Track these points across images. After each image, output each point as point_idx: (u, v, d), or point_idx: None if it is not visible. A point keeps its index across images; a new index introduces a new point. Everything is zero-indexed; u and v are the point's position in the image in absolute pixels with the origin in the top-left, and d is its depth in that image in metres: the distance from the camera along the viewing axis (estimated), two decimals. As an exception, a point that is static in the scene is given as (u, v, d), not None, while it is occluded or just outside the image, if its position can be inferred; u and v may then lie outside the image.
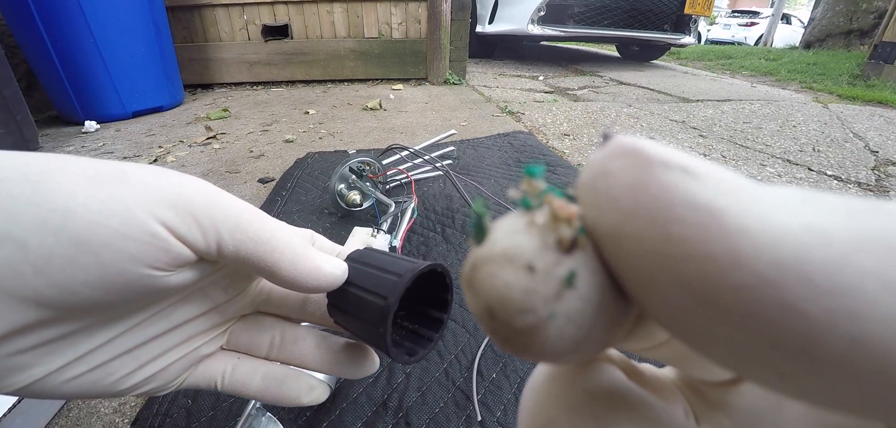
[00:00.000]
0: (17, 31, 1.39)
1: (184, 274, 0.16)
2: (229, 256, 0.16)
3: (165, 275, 0.15)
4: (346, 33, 2.28)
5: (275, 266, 0.17)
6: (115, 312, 0.16)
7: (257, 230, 0.16)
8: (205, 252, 0.16)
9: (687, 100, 2.15)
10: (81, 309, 0.14)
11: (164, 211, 0.14)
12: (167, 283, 0.15)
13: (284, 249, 0.17)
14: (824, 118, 1.80)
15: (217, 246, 0.16)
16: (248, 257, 0.16)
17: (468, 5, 2.33)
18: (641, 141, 0.06)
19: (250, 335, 0.22)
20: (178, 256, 0.15)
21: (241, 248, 0.16)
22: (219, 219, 0.16)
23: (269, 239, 0.17)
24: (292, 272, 0.17)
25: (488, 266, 0.07)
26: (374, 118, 1.60)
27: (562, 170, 1.02)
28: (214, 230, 0.15)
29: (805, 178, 1.12)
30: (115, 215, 0.13)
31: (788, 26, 10.28)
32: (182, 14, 2.06)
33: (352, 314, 0.20)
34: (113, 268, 0.13)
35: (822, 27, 5.73)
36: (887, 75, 2.77)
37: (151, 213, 0.14)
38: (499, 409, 0.42)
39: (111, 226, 0.13)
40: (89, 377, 0.16)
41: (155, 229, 0.14)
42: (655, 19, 3.07)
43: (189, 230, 0.15)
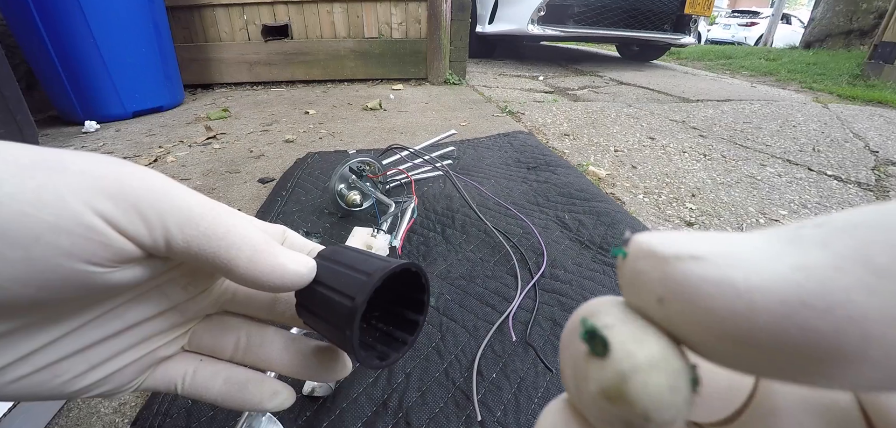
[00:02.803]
0: (17, 31, 1.39)
1: (130, 271, 0.15)
2: (180, 252, 0.15)
3: (106, 271, 0.14)
4: (346, 33, 2.28)
5: (231, 263, 0.15)
6: (58, 311, 0.15)
7: (210, 224, 0.15)
8: (151, 247, 0.14)
9: (687, 100, 2.15)
10: (15, 307, 0.13)
11: (103, 202, 0.13)
12: (110, 280, 0.14)
13: (241, 245, 0.16)
14: (824, 118, 1.79)
15: (165, 241, 0.14)
16: (200, 253, 0.15)
17: (468, 5, 2.33)
18: (654, 238, 0.08)
19: (213, 336, 0.20)
20: (119, 251, 0.14)
21: (193, 243, 0.15)
22: (166, 211, 0.14)
23: (224, 234, 0.15)
24: (251, 270, 0.16)
25: (639, 375, 0.08)
26: (374, 118, 1.60)
27: (562, 170, 1.02)
28: (161, 224, 0.14)
29: (805, 178, 1.12)
30: (45, 206, 0.12)
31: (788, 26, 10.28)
32: (182, 14, 2.06)
33: (320, 315, 0.19)
34: (44, 264, 0.12)
35: (822, 27, 5.72)
36: (887, 75, 2.77)
37: (88, 203, 0.13)
38: (499, 409, 0.42)
39: (41, 217, 0.12)
40: (36, 378, 0.15)
41: (91, 221, 0.13)
42: (655, 19, 3.07)
43: (131, 223, 0.14)
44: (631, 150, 1.31)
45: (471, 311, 0.55)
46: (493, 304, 0.56)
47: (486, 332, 0.51)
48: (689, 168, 1.17)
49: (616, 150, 1.31)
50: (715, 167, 1.18)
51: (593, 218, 0.78)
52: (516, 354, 0.48)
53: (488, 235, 0.72)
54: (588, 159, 1.21)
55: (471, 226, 0.75)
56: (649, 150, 1.32)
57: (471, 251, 0.68)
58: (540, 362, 0.47)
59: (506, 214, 0.79)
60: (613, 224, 0.75)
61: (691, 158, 1.25)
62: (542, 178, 0.97)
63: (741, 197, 0.99)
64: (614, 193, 0.99)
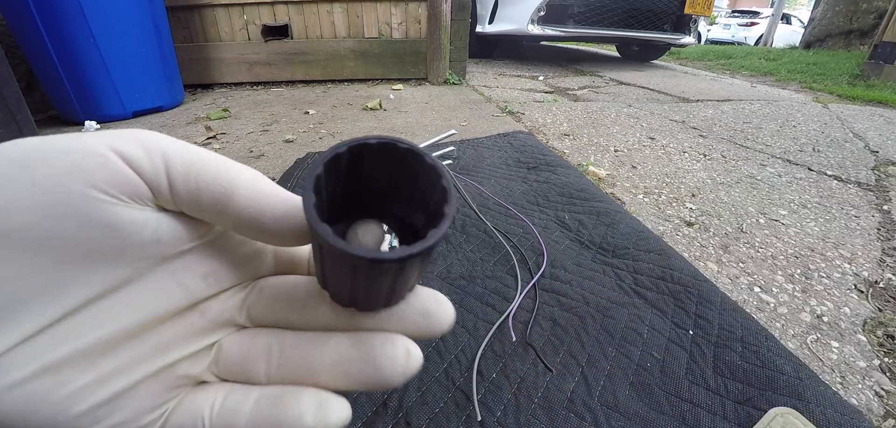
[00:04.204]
0: (17, 31, 1.39)
1: (135, 211, 0.14)
2: (179, 181, 0.14)
3: (109, 202, 0.13)
4: (346, 33, 2.28)
5: (231, 185, 0.15)
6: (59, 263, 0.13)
7: (208, 155, 0.15)
8: (151, 175, 0.14)
9: (687, 100, 2.15)
10: (17, 238, 0.12)
11: (111, 137, 0.14)
12: (114, 216, 0.13)
13: (241, 170, 0.15)
14: (824, 118, 1.79)
15: (165, 168, 0.14)
16: (199, 178, 0.15)
17: (468, 5, 2.33)
18: None
19: (243, 348, 0.18)
20: (120, 174, 0.14)
21: (191, 167, 0.15)
22: (165, 145, 0.15)
23: (224, 162, 0.15)
24: (252, 194, 0.15)
25: None
26: (374, 118, 1.60)
27: (562, 170, 1.01)
28: (161, 153, 0.14)
29: (805, 178, 1.12)
30: (58, 140, 0.13)
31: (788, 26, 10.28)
32: (182, 14, 2.06)
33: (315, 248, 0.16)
34: (48, 183, 0.13)
35: (822, 27, 5.72)
36: (887, 75, 2.77)
37: (97, 137, 0.14)
38: (499, 409, 0.42)
39: (52, 146, 0.13)
40: (36, 387, 0.13)
41: (94, 146, 0.13)
42: (655, 19, 3.07)
43: (132, 149, 0.14)
44: (631, 150, 1.31)
45: (471, 311, 0.55)
46: (493, 304, 0.56)
47: (486, 332, 0.51)
48: (689, 168, 1.17)
49: (616, 150, 1.31)
50: (715, 167, 1.18)
51: (593, 218, 0.78)
52: (516, 354, 0.48)
53: (488, 235, 0.72)
54: (588, 159, 1.21)
55: (471, 226, 0.75)
56: (649, 150, 1.32)
57: (471, 251, 0.68)
58: (540, 362, 0.47)
59: (506, 214, 0.79)
60: (613, 224, 0.75)
61: (691, 158, 1.25)
62: (542, 178, 0.97)
63: (741, 197, 0.99)
64: (614, 193, 0.99)
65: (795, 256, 0.76)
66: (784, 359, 0.48)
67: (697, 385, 0.45)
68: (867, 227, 0.87)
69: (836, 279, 0.69)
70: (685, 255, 0.73)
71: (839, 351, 0.55)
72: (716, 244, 0.78)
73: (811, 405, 0.42)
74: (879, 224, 0.89)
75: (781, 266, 0.72)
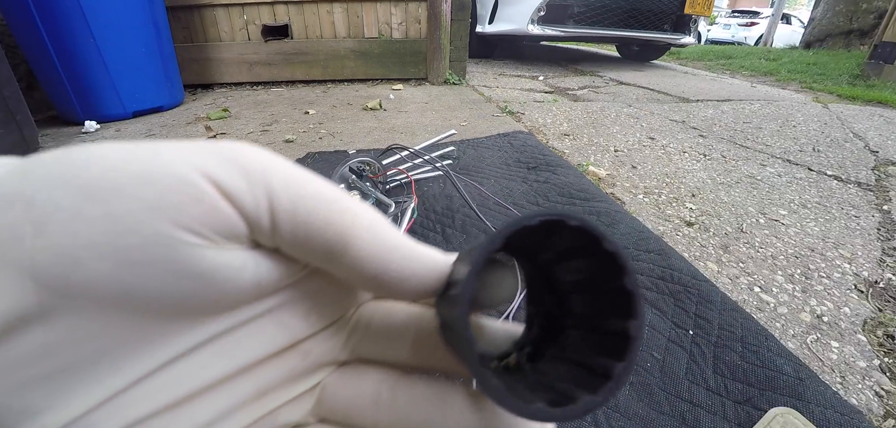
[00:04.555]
0: (17, 31, 1.39)
1: (231, 254, 0.12)
2: (285, 221, 0.12)
3: (202, 244, 0.11)
4: (346, 33, 2.28)
5: (348, 233, 0.12)
6: (146, 318, 0.11)
7: (317, 186, 0.12)
8: (253, 212, 0.12)
9: (687, 100, 2.15)
10: (92, 293, 0.10)
11: (201, 157, 0.11)
12: (208, 262, 0.11)
13: (358, 212, 0.12)
14: (824, 118, 1.80)
15: (269, 203, 0.12)
16: (310, 220, 0.12)
17: (468, 5, 2.33)
18: None
19: (348, 390, 0.15)
20: (216, 211, 0.11)
21: (300, 205, 0.12)
22: (270, 171, 0.12)
23: (337, 198, 0.12)
24: (373, 246, 0.12)
25: None
26: (374, 118, 1.60)
27: (562, 170, 1.02)
28: (264, 180, 0.12)
29: (805, 178, 1.12)
30: (137, 159, 0.10)
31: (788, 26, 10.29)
32: (182, 14, 2.06)
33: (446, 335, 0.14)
34: (125, 223, 0.10)
35: (822, 27, 5.73)
36: (887, 75, 2.77)
37: (185, 158, 0.11)
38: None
39: (130, 169, 0.10)
40: None
41: (184, 173, 0.11)
42: (655, 19, 3.07)
43: (230, 177, 0.11)
44: (631, 150, 1.31)
45: (471, 311, 0.55)
46: (493, 304, 0.56)
47: (486, 332, 0.51)
48: (689, 168, 1.17)
49: (616, 150, 1.31)
50: (715, 167, 1.18)
51: (593, 218, 0.78)
52: (516, 354, 0.48)
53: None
54: (588, 159, 1.21)
55: (471, 226, 0.75)
56: (649, 150, 1.32)
57: (471, 251, 0.68)
58: (540, 362, 0.47)
59: (506, 214, 0.79)
60: (613, 224, 0.75)
61: (691, 158, 1.25)
62: (542, 178, 0.97)
63: (741, 197, 0.99)
64: (614, 193, 0.99)
65: (795, 256, 0.76)
66: (784, 359, 0.48)
67: (697, 385, 0.45)
68: (867, 227, 0.87)
69: (836, 279, 0.69)
70: (685, 255, 0.73)
71: (839, 351, 0.55)
72: (716, 244, 0.78)
73: (811, 405, 0.42)
74: (879, 224, 0.89)
75: (781, 266, 0.72)
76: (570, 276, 0.14)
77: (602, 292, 0.13)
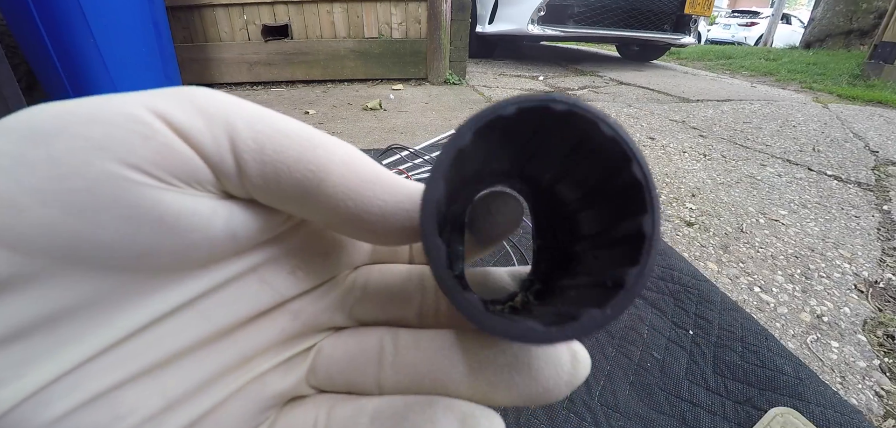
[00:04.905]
0: (17, 31, 1.39)
1: (195, 200, 0.10)
2: (251, 162, 0.11)
3: (156, 186, 0.10)
4: (346, 33, 2.28)
5: (320, 170, 0.11)
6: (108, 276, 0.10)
7: (286, 123, 0.11)
8: (212, 152, 0.10)
9: (687, 100, 2.15)
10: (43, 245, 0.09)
11: (155, 98, 0.10)
12: (166, 207, 0.10)
13: (331, 146, 0.11)
14: (824, 118, 1.80)
15: (231, 143, 0.10)
16: (278, 158, 0.11)
17: (468, 5, 2.33)
18: None
19: (348, 348, 0.14)
20: (169, 150, 0.10)
21: (267, 143, 0.11)
22: (230, 110, 0.11)
23: (306, 133, 0.11)
24: (350, 181, 0.11)
25: None
26: (374, 118, 1.60)
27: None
28: (225, 123, 0.10)
29: (805, 178, 1.12)
30: (88, 103, 0.10)
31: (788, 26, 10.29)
32: (182, 14, 2.06)
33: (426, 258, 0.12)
34: (68, 164, 0.09)
35: (822, 27, 5.73)
36: (887, 75, 2.77)
37: (137, 99, 0.10)
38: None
39: (78, 112, 0.09)
40: (87, 418, 0.10)
41: (133, 111, 0.10)
42: (655, 19, 3.08)
43: (184, 115, 0.10)
44: (631, 150, 1.31)
45: (471, 311, 0.55)
46: (493, 304, 0.56)
47: (486, 332, 0.51)
48: (689, 168, 1.17)
49: (616, 150, 1.31)
50: (715, 167, 1.18)
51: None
52: (516, 354, 0.48)
53: (488, 235, 0.72)
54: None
55: (471, 226, 0.75)
56: (649, 149, 1.32)
57: (471, 251, 0.68)
58: (540, 362, 0.47)
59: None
60: (613, 224, 0.75)
61: (691, 158, 1.25)
62: (542, 178, 0.97)
63: (741, 197, 0.99)
64: (614, 193, 0.99)
65: (795, 255, 0.76)
66: (784, 359, 0.48)
67: (697, 385, 0.45)
68: (867, 227, 0.87)
69: (836, 279, 0.69)
70: (685, 255, 0.73)
71: (839, 351, 0.55)
72: (716, 244, 0.78)
73: (811, 405, 0.42)
74: (879, 224, 0.89)
75: (781, 266, 0.72)
76: (574, 192, 0.12)
77: (610, 196, 0.11)
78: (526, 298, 0.14)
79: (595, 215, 0.12)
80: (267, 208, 0.12)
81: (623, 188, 0.10)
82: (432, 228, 0.10)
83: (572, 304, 0.11)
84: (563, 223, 0.13)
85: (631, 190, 0.10)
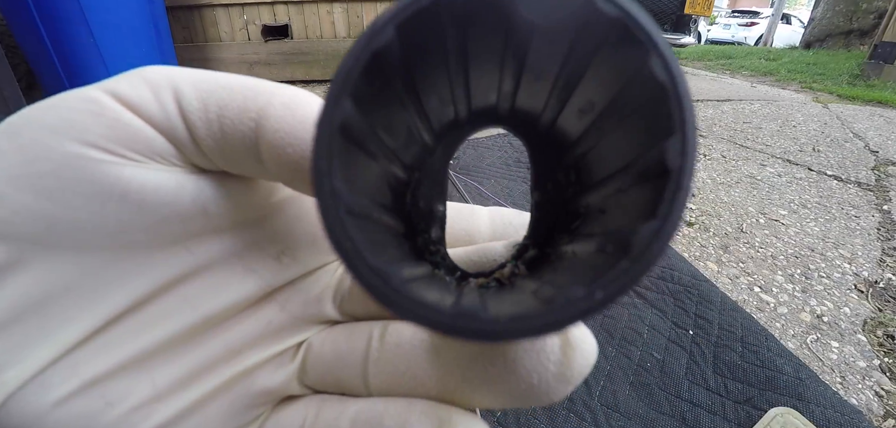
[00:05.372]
0: (17, 31, 1.39)
1: (158, 173, 0.11)
2: (199, 123, 0.11)
3: (115, 161, 0.10)
4: (346, 33, 2.28)
5: (260, 114, 0.10)
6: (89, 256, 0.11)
7: (233, 80, 0.11)
8: (161, 120, 0.11)
9: (687, 100, 2.15)
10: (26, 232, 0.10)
11: (110, 81, 0.11)
12: (128, 181, 0.10)
13: (274, 90, 0.11)
14: (824, 118, 1.80)
15: (177, 105, 0.11)
16: (221, 112, 0.10)
17: (468, 5, 2.33)
18: None
19: (337, 345, 0.13)
20: (120, 124, 0.10)
21: (210, 100, 0.11)
22: (176, 77, 0.11)
23: (252, 85, 0.11)
24: (289, 123, 0.10)
25: None
26: (374, 118, 1.60)
27: (562, 170, 1.02)
28: (170, 85, 0.11)
29: (805, 178, 1.12)
30: (54, 97, 0.10)
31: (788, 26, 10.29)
32: (182, 14, 2.07)
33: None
34: (34, 149, 0.10)
35: (822, 27, 5.73)
36: (887, 75, 2.77)
37: (96, 84, 0.11)
38: (499, 408, 0.42)
39: (44, 104, 0.10)
40: (82, 405, 0.10)
41: (87, 93, 0.10)
42: (655, 19, 3.08)
43: (133, 89, 0.10)
44: (631, 150, 1.31)
45: (471, 311, 0.55)
46: (493, 304, 0.56)
47: (486, 332, 0.51)
48: (689, 168, 1.17)
49: (616, 150, 1.31)
50: (715, 167, 1.19)
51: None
52: (516, 354, 0.48)
53: (488, 235, 0.72)
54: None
55: (471, 226, 0.75)
56: (649, 150, 1.32)
57: (471, 251, 0.68)
58: (540, 362, 0.47)
59: (506, 214, 0.79)
60: (613, 224, 0.75)
61: (691, 158, 1.25)
62: (542, 178, 0.98)
63: (741, 197, 0.99)
64: (614, 193, 0.99)
65: (795, 256, 0.76)
66: (784, 359, 0.48)
67: (697, 385, 0.45)
68: (867, 227, 0.87)
69: (836, 279, 0.69)
70: (685, 255, 0.73)
71: (839, 351, 0.55)
72: (716, 244, 0.78)
73: (811, 405, 0.42)
74: (879, 224, 0.89)
75: (781, 266, 0.72)
76: (578, 123, 0.09)
77: (624, 118, 0.08)
78: (515, 268, 0.11)
79: (606, 152, 0.09)
80: (240, 183, 0.12)
81: (642, 102, 0.07)
82: (325, 164, 0.07)
83: (564, 277, 0.08)
84: (566, 171, 0.11)
85: (652, 102, 0.07)
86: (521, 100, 0.10)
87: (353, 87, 0.07)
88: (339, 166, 0.07)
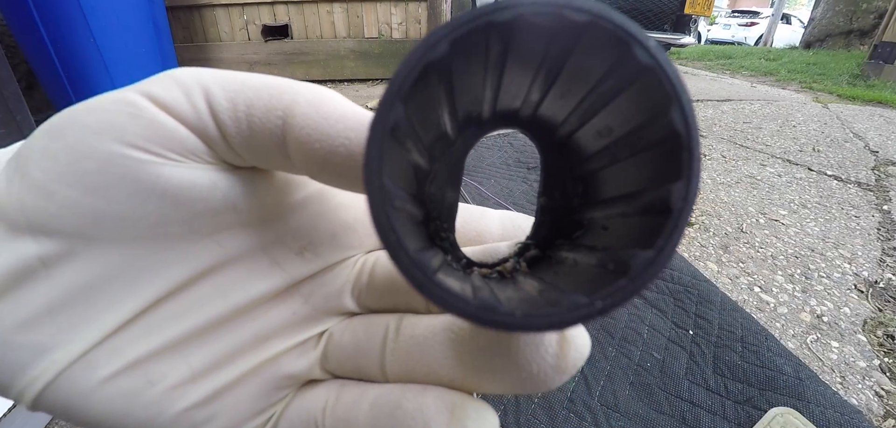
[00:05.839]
0: (17, 31, 1.39)
1: (194, 171, 0.12)
2: (228, 120, 0.11)
3: (155, 161, 0.11)
4: (346, 33, 2.28)
5: (287, 112, 0.11)
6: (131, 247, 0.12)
7: (260, 79, 0.12)
8: (194, 120, 0.11)
9: (687, 100, 2.15)
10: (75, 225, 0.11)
11: (146, 82, 0.12)
12: (168, 179, 0.11)
13: (299, 88, 0.11)
14: (824, 118, 1.80)
15: (208, 107, 0.11)
16: (249, 110, 0.11)
17: (468, 5, 2.33)
18: None
19: (356, 334, 0.14)
20: (157, 124, 0.11)
21: (238, 98, 0.11)
22: (205, 78, 0.12)
23: (278, 83, 0.12)
24: (315, 119, 0.11)
25: None
26: (374, 118, 1.60)
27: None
28: (201, 89, 0.11)
29: (805, 178, 1.12)
30: (94, 99, 0.11)
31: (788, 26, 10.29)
32: (182, 14, 2.07)
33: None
34: (80, 149, 0.11)
35: (822, 27, 5.73)
36: (887, 75, 2.77)
37: (132, 86, 0.12)
38: (499, 408, 0.42)
39: (86, 106, 0.11)
40: (126, 383, 0.12)
41: (125, 95, 0.11)
42: (655, 19, 3.07)
43: (166, 90, 0.11)
44: (631, 150, 1.31)
45: (471, 311, 0.55)
46: (493, 304, 0.56)
47: (486, 332, 0.51)
48: (689, 168, 1.17)
49: (616, 150, 1.31)
50: (715, 167, 1.18)
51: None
52: (516, 354, 0.48)
53: (488, 235, 0.72)
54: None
55: (471, 226, 0.75)
56: (649, 150, 1.32)
57: (471, 251, 0.68)
58: (540, 362, 0.47)
59: (506, 214, 0.79)
60: (613, 224, 0.75)
61: (691, 158, 1.25)
62: (542, 178, 0.98)
63: (741, 197, 0.99)
64: (614, 193, 1.00)
65: (795, 256, 0.76)
66: (784, 359, 0.48)
67: (697, 385, 0.45)
68: (867, 227, 0.87)
69: (836, 279, 0.69)
70: (685, 255, 0.73)
71: (839, 351, 0.55)
72: (716, 244, 0.78)
73: (811, 405, 0.42)
74: (879, 224, 0.89)
75: (781, 266, 0.72)
76: (594, 143, 0.10)
77: (638, 152, 0.09)
78: (517, 264, 0.12)
79: (616, 176, 0.10)
80: (266, 182, 0.13)
81: (656, 142, 0.08)
82: (376, 164, 0.07)
83: (565, 281, 0.09)
84: (575, 183, 0.11)
85: (666, 145, 0.07)
86: (544, 110, 0.11)
87: (405, 94, 0.08)
88: (386, 164, 0.08)
